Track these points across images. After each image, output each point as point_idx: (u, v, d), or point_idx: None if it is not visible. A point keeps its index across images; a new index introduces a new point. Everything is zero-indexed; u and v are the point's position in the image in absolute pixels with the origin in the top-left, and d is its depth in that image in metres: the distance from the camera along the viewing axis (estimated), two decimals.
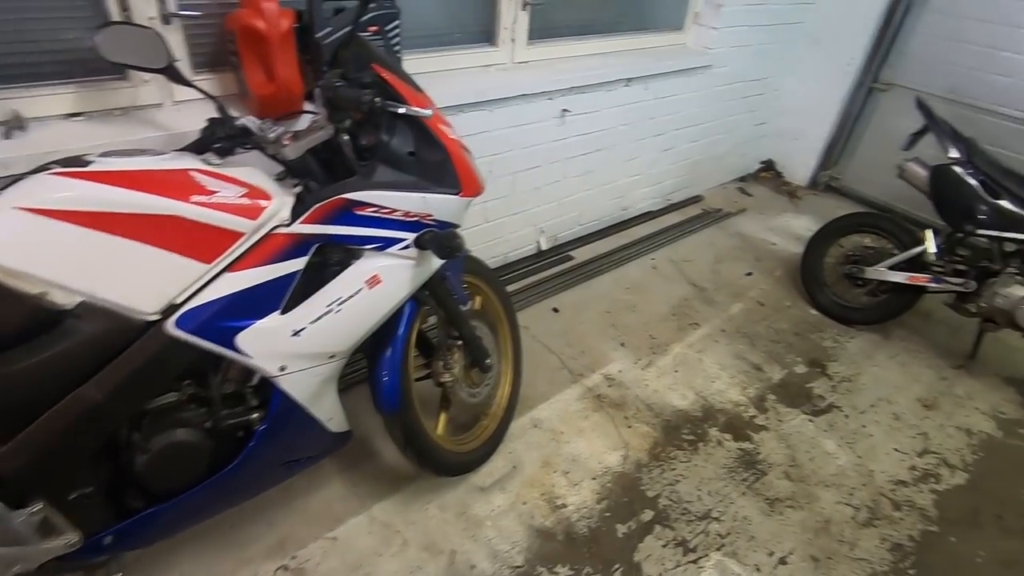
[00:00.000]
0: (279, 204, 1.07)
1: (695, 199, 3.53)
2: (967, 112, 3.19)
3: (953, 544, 1.73)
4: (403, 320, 1.37)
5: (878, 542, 1.70)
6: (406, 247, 1.21)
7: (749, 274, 2.88)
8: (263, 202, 1.05)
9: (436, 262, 1.31)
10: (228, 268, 1.02)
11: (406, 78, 1.26)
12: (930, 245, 2.25)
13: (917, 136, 2.35)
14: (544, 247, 2.76)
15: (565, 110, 2.39)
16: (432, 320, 1.57)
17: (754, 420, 2.06)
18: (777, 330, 2.52)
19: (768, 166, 3.97)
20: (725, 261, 2.97)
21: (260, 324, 1.06)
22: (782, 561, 1.62)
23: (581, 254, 2.85)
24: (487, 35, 2.20)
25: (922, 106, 2.31)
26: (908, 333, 2.59)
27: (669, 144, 3.11)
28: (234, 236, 1.01)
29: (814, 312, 2.66)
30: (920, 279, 2.30)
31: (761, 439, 1.99)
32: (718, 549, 1.63)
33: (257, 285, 1.04)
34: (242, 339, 1.04)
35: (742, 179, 3.89)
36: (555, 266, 2.73)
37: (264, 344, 1.07)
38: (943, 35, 3.19)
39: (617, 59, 2.58)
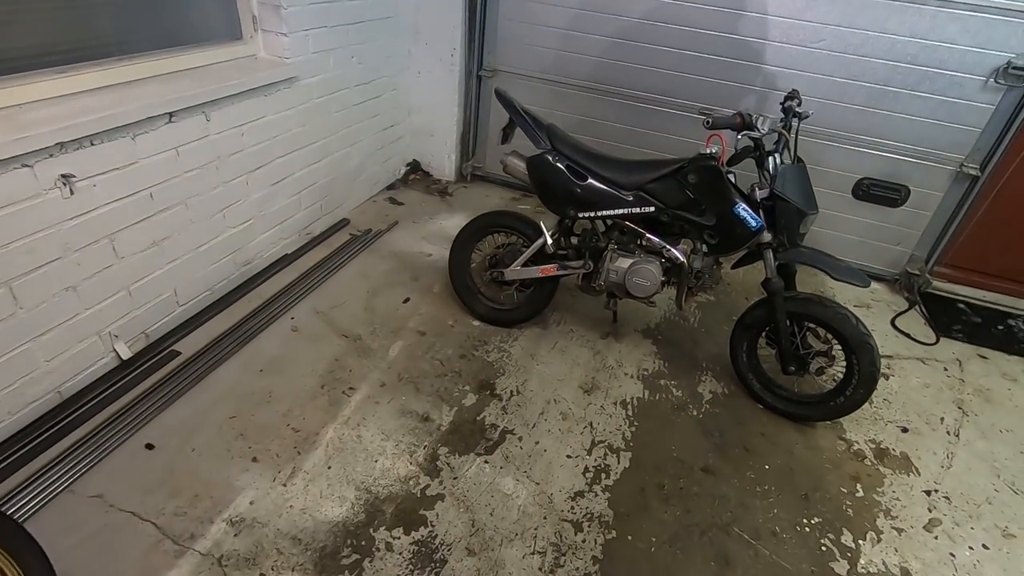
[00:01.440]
0: None
1: (341, 224, 3.13)
2: (560, 89, 3.42)
3: (630, 543, 1.71)
4: None
5: None
6: None
7: (407, 300, 2.62)
8: None
9: None
10: None
11: None
12: (547, 236, 2.24)
13: (508, 129, 2.30)
14: (128, 354, 2.02)
15: (67, 176, 1.67)
16: None
17: (427, 492, 1.77)
18: (443, 359, 2.30)
19: (415, 167, 3.80)
20: (380, 292, 2.65)
21: None
22: None
23: (192, 343, 2.19)
24: None
25: (502, 97, 2.25)
26: (561, 315, 2.65)
27: (279, 175, 2.60)
28: None
29: (476, 324, 2.53)
30: (549, 270, 2.30)
31: (438, 514, 1.71)
32: None
33: None
34: None
35: (391, 187, 3.63)
36: (152, 373, 2.03)
37: None
38: (518, 18, 3.32)
39: (142, 90, 1.93)
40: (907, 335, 2.87)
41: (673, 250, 2.11)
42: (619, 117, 3.38)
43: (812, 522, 1.85)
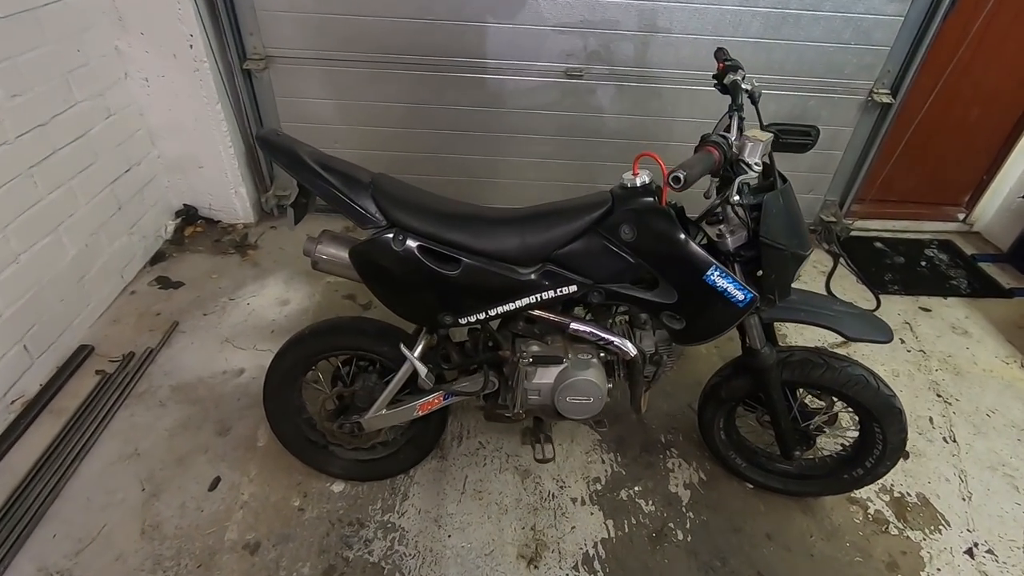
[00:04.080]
0: None
1: (78, 358, 1.94)
2: (363, 69, 2.40)
3: None
4: None
5: None
6: None
7: (216, 484, 1.62)
8: None
9: None
10: None
11: None
12: (418, 363, 1.36)
13: (303, 199, 1.33)
14: None
15: None
16: None
17: None
18: None
19: (190, 217, 2.60)
20: (167, 483, 1.61)
21: None
22: None
23: None
24: None
25: (271, 146, 1.26)
26: (460, 422, 1.84)
27: None
28: None
29: (339, 489, 1.63)
30: (432, 403, 1.45)
31: None
32: None
33: None
34: None
35: (158, 258, 2.43)
36: None
37: None
38: None
39: None
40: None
41: (616, 341, 1.35)
42: (464, 98, 2.47)
43: None
